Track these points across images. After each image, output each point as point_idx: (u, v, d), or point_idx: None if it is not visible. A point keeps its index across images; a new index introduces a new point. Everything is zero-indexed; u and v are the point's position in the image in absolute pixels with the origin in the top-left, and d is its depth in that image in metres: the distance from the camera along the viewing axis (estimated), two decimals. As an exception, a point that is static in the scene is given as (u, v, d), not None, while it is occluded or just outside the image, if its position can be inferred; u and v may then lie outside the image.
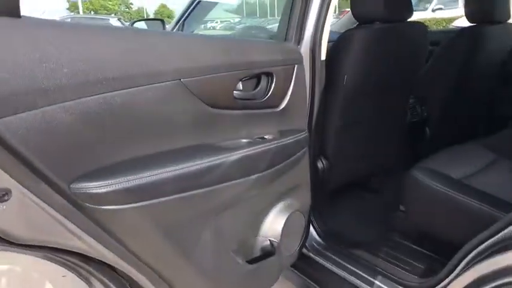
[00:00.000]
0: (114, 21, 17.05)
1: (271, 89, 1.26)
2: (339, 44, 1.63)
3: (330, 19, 1.47)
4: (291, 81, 1.33)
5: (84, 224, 0.83)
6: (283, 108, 1.32)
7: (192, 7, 2.28)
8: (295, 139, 1.33)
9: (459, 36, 2.10)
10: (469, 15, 2.13)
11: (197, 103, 1.03)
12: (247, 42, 1.30)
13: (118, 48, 0.86)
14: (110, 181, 0.84)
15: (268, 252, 1.37)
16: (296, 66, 1.34)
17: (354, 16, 1.70)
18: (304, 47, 1.44)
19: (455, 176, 1.49)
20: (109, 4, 37.13)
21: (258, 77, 1.24)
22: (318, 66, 1.48)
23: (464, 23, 2.24)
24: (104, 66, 0.82)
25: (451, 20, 9.60)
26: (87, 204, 0.82)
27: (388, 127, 2.00)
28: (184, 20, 2.39)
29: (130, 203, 0.87)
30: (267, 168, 1.22)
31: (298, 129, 1.39)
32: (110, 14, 31.97)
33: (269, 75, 1.25)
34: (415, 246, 1.61)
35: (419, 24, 1.77)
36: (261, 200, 1.31)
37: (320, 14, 1.42)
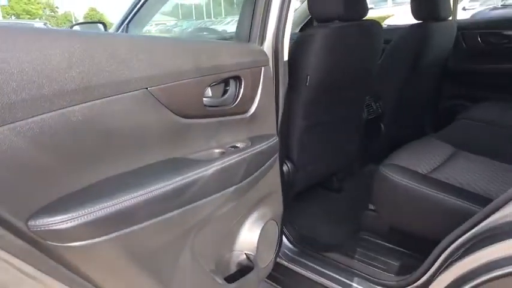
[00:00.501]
0: (39, 27, 15.88)
1: (240, 94, 1.18)
2: (300, 43, 1.59)
3: (291, 17, 1.42)
4: (259, 85, 1.26)
5: (47, 266, 0.69)
6: (252, 114, 1.24)
7: (136, 8, 2.13)
8: (267, 145, 1.26)
9: (408, 34, 2.16)
10: (415, 13, 2.20)
11: (166, 114, 0.92)
12: (214, 44, 1.20)
13: (75, 55, 0.73)
14: (74, 213, 0.71)
15: (245, 267, 1.28)
16: (263, 68, 1.27)
17: (312, 15, 1.67)
18: (267, 48, 1.37)
19: (422, 171, 1.50)
20: (32, 8, 34.63)
21: (226, 82, 1.15)
22: (281, 67, 1.42)
23: (394, 21, 2.31)
24: (60, 76, 0.69)
25: (382, 18, 10.10)
26: (50, 243, 0.69)
27: (348, 125, 2.00)
28: (128, 22, 2.23)
29: (100, 236, 0.75)
30: (243, 178, 1.14)
31: (268, 135, 1.32)
32: (34, 19, 29.86)
33: (237, 79, 1.17)
34: (389, 245, 1.61)
35: (374, 22, 1.78)
36: (237, 212, 1.23)
37: (281, 11, 1.36)
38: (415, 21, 2.21)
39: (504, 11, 4.94)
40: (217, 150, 1.08)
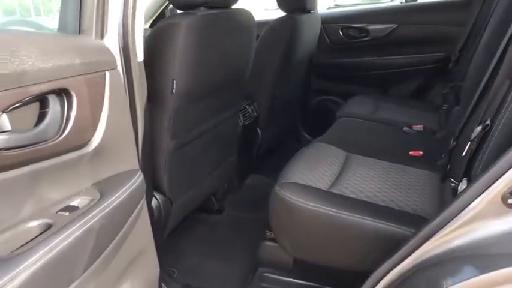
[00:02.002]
0: None
1: (71, 118, 0.72)
2: (158, 37, 1.18)
3: (144, 2, 1.00)
4: (103, 99, 0.81)
5: None
6: (98, 146, 0.79)
7: None
8: (128, 190, 0.82)
9: (277, 27, 1.93)
10: (281, 4, 1.98)
11: None
12: (9, 35, 0.70)
13: None
14: None
15: None
16: (108, 73, 0.82)
17: (172, 1, 1.28)
18: (111, 43, 0.93)
19: (324, 185, 1.26)
20: None
21: (41, 101, 0.68)
22: (136, 70, 1.00)
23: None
24: None
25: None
26: None
27: (224, 136, 1.67)
28: None
29: None
30: (92, 259, 0.69)
31: (127, 172, 0.88)
32: None
33: (63, 93, 0.71)
34: (296, 281, 1.33)
35: (245, 12, 1.47)
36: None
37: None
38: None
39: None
40: (34, 224, 0.61)
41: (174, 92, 1.19)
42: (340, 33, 2.45)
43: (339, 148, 1.53)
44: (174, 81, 1.18)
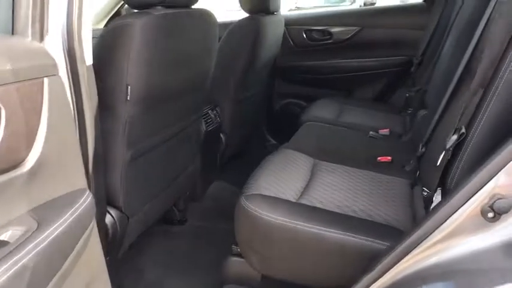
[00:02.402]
0: None
1: (0, 134, 0.60)
2: (110, 39, 1.07)
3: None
4: (40, 111, 0.70)
5: None
6: (34, 165, 0.67)
7: None
8: (75, 214, 0.71)
9: (240, 28, 1.85)
10: (244, 5, 1.91)
11: None
12: None
13: None
14: None
15: None
16: (47, 80, 0.71)
17: (126, 2, 1.17)
18: (53, 46, 0.82)
19: (292, 196, 1.19)
20: None
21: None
22: (83, 76, 0.89)
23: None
24: None
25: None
26: None
27: (185, 144, 1.57)
28: None
29: None
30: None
31: (72, 193, 0.77)
32: None
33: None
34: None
35: (206, 12, 1.38)
36: None
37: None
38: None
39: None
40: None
41: (128, 98, 1.08)
42: (304, 35, 2.41)
43: (306, 155, 1.48)
44: (129, 87, 1.07)
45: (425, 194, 1.06)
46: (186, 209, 1.83)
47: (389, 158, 1.50)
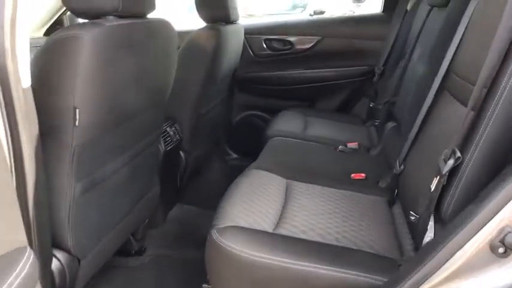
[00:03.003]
0: None
1: None
2: (52, 55, 0.90)
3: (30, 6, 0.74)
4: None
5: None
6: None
7: None
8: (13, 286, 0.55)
9: (200, 38, 1.72)
10: (203, 15, 1.79)
11: None
12: None
13: None
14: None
15: None
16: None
17: (70, 9, 1.01)
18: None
19: (269, 225, 1.08)
20: None
21: None
22: (19, 100, 0.73)
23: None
24: None
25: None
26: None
27: (144, 168, 1.41)
28: None
29: None
30: None
31: (10, 255, 0.61)
32: None
33: None
34: None
35: (164, 21, 1.24)
36: None
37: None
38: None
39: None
40: None
41: (77, 124, 0.92)
42: (264, 45, 2.33)
43: (277, 175, 1.37)
44: (77, 111, 0.91)
45: (412, 218, 0.99)
46: (144, 237, 1.66)
47: (363, 174, 1.44)
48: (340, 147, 1.69)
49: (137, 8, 1.10)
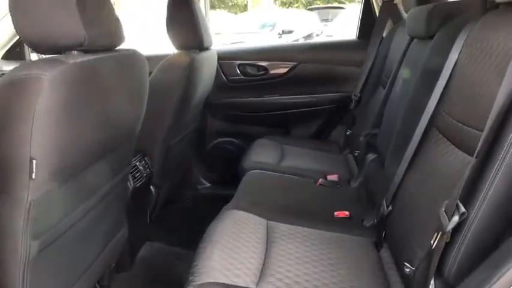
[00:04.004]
0: None
1: None
2: (4, 98, 0.78)
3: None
4: None
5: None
6: None
7: None
8: None
9: (172, 66, 1.62)
10: (176, 42, 1.70)
11: None
12: None
13: None
14: None
15: None
16: None
17: (27, 42, 0.89)
18: None
19: (251, 279, 0.98)
20: None
21: None
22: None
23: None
24: None
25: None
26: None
27: (111, 211, 1.28)
28: None
29: None
30: None
31: None
32: None
33: None
34: None
35: (135, 52, 1.14)
36: None
37: None
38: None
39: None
40: None
41: (33, 177, 0.79)
42: (238, 70, 2.25)
43: (257, 216, 1.28)
44: (34, 162, 0.79)
45: (407, 270, 0.92)
46: (110, 283, 1.51)
47: (346, 213, 1.37)
48: (320, 180, 1.63)
49: (105, 40, 1.00)
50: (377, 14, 2.14)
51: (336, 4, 11.67)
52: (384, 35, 2.09)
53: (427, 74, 1.17)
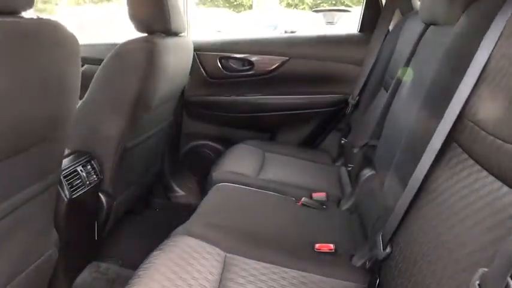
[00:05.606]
0: None
1: None
2: None
3: None
4: None
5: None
6: None
7: None
8: None
9: (127, 53, 1.33)
10: (136, 23, 1.40)
11: None
12: None
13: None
14: None
15: None
16: None
17: None
18: None
19: None
20: None
21: None
22: None
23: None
24: None
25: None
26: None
27: (16, 236, 0.98)
28: None
29: None
30: None
31: None
32: None
33: None
34: None
35: (53, 22, 0.84)
36: None
37: None
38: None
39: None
40: None
41: None
42: (219, 64, 1.95)
43: (213, 246, 0.98)
44: None
45: None
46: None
47: (331, 246, 1.07)
48: (303, 199, 1.32)
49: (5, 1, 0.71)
50: (383, 4, 1.84)
51: (342, 7, 11.41)
52: (391, 28, 1.79)
53: (449, 69, 0.86)
